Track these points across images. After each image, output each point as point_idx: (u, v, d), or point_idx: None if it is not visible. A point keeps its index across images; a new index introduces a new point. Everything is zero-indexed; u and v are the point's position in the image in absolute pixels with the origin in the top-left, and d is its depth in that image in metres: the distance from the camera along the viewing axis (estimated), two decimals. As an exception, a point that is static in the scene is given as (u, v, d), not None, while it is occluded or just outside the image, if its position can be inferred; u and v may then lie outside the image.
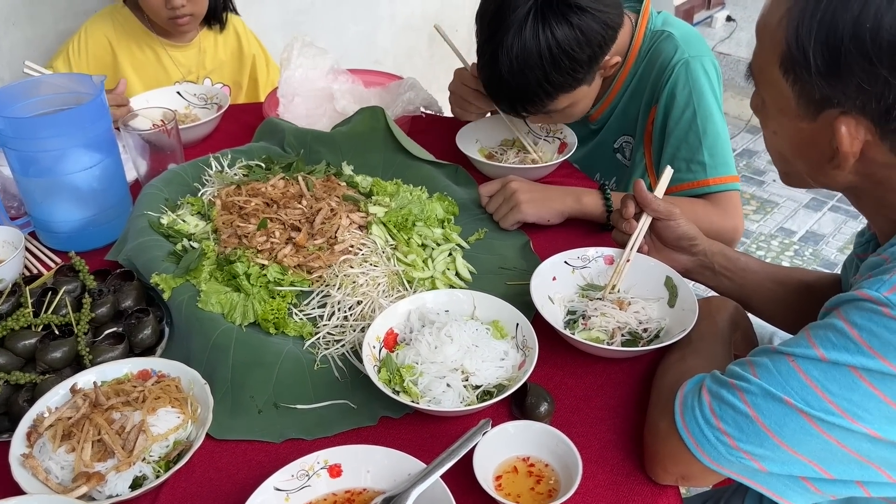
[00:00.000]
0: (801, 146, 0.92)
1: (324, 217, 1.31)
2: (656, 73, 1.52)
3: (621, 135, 1.64)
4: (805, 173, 0.96)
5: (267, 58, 2.22)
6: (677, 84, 1.48)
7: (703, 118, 1.47)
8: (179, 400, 0.99)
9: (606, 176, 1.72)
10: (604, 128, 1.67)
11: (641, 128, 1.59)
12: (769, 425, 0.82)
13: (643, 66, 1.54)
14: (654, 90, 1.53)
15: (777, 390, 0.82)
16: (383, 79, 1.90)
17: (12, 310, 1.15)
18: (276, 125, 1.64)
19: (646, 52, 1.54)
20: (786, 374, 0.83)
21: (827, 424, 0.81)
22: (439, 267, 1.29)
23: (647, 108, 1.56)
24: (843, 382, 0.80)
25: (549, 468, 0.94)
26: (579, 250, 1.24)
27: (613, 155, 1.68)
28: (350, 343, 1.15)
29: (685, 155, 1.48)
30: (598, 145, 1.69)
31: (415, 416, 1.05)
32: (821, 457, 0.83)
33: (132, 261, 1.24)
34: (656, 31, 1.53)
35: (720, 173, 1.47)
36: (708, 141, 1.47)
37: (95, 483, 0.89)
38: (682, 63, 1.47)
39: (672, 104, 1.49)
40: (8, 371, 1.05)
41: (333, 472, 0.91)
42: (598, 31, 1.36)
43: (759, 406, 0.83)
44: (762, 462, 0.84)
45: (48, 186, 1.32)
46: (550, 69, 1.36)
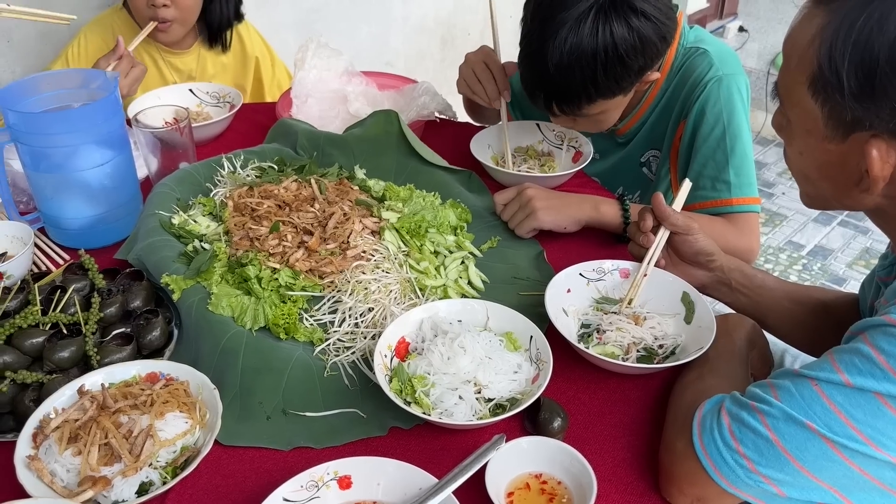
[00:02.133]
0: (827, 168, 0.91)
1: (336, 221, 1.29)
2: (688, 88, 1.50)
3: (649, 149, 1.63)
4: (830, 195, 0.94)
5: (272, 57, 2.19)
6: (708, 101, 1.46)
7: (733, 137, 1.45)
8: (188, 405, 0.98)
9: (630, 190, 1.70)
10: (631, 142, 1.65)
11: (669, 143, 1.57)
12: (790, 450, 0.81)
13: (675, 81, 1.53)
14: (685, 105, 1.51)
15: (799, 414, 0.81)
16: (397, 82, 1.89)
17: (20, 307, 1.14)
18: (289, 126, 1.63)
19: (678, 68, 1.52)
20: (809, 399, 0.81)
21: (850, 451, 0.79)
22: (452, 275, 1.28)
23: (676, 123, 1.54)
24: (868, 409, 0.78)
25: (563, 486, 0.92)
26: (595, 262, 1.23)
27: (639, 169, 1.66)
28: (361, 350, 1.14)
29: (711, 172, 1.47)
30: (623, 159, 1.68)
31: (425, 427, 1.04)
32: (842, 484, 0.81)
33: (142, 260, 1.23)
34: (690, 48, 1.52)
35: (744, 194, 1.46)
36: (735, 160, 1.45)
37: (101, 488, 0.87)
38: (716, 80, 1.46)
39: (702, 120, 1.47)
40: (15, 370, 1.04)
41: (343, 484, 0.90)
42: (654, 41, 1.34)
43: (780, 430, 0.81)
44: (781, 487, 0.82)
45: (59, 182, 1.31)
46: (600, 71, 1.32)
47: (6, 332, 1.07)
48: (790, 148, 0.97)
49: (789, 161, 0.99)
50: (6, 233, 1.32)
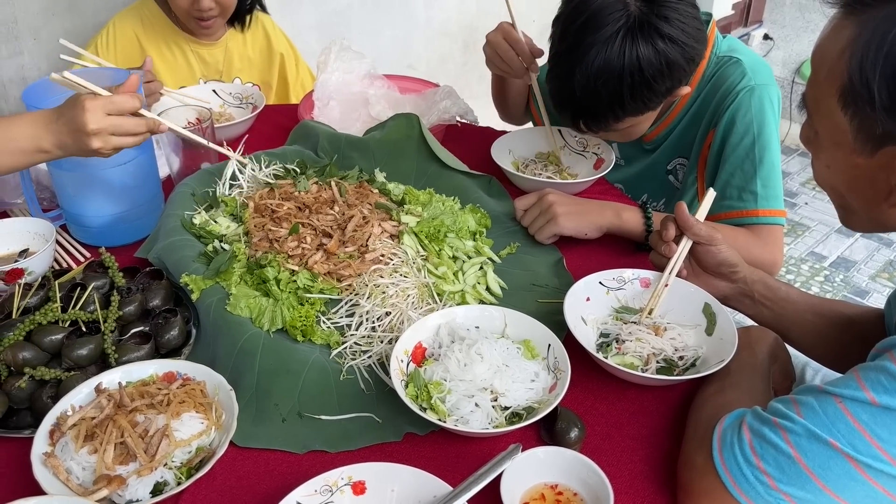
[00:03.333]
0: (856, 182, 0.89)
1: (356, 224, 1.29)
2: (719, 97, 1.49)
3: (676, 157, 1.61)
4: (859, 209, 0.93)
5: (296, 57, 2.20)
6: (739, 110, 1.45)
7: (762, 148, 1.44)
8: (204, 405, 0.98)
9: (655, 197, 1.68)
10: (659, 149, 1.63)
11: (697, 151, 1.55)
12: (812, 468, 0.79)
13: (707, 89, 1.51)
14: (715, 114, 1.50)
15: (823, 432, 0.79)
16: (419, 85, 1.88)
17: (40, 304, 1.15)
18: (310, 128, 1.63)
19: (710, 76, 1.51)
20: (832, 416, 0.80)
21: (874, 471, 0.77)
22: (470, 281, 1.27)
23: (706, 131, 1.53)
24: (894, 428, 0.76)
25: (578, 497, 0.91)
26: (615, 271, 1.21)
27: (666, 177, 1.64)
28: (377, 355, 1.13)
29: (738, 182, 1.45)
30: (650, 166, 1.66)
31: (440, 433, 1.03)
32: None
33: (162, 259, 1.23)
34: (723, 57, 1.50)
35: (770, 206, 1.44)
36: (763, 171, 1.44)
37: (116, 486, 0.87)
38: (748, 90, 1.44)
39: (731, 129, 1.46)
40: (33, 366, 1.04)
41: (357, 490, 0.89)
42: (681, 64, 1.34)
43: (802, 447, 0.80)
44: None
45: (81, 180, 1.32)
46: (626, 93, 1.32)
47: (26, 329, 1.08)
48: (818, 161, 0.95)
49: (817, 175, 0.97)
50: (28, 229, 1.34)
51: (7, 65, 2.03)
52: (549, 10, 3.58)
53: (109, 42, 1.92)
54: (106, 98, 1.13)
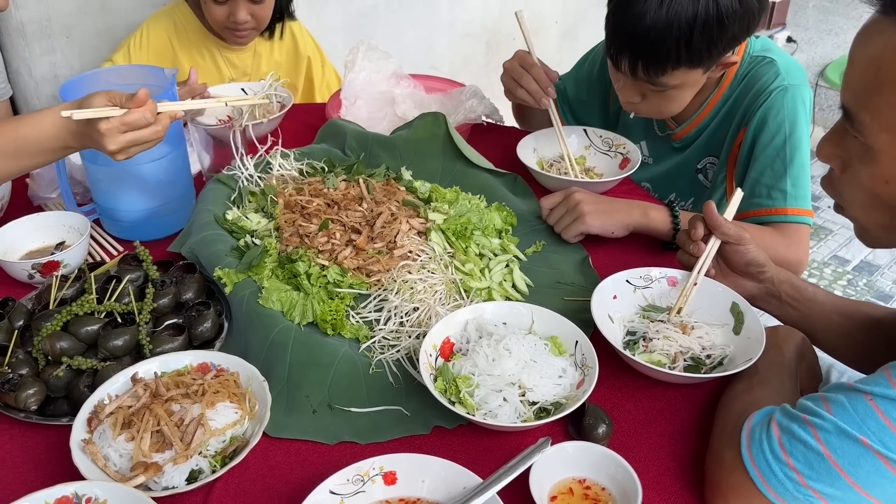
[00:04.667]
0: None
1: (384, 221, 1.31)
2: (752, 96, 1.49)
3: (707, 156, 1.62)
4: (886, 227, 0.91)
5: (323, 58, 2.23)
6: (772, 109, 1.45)
7: (793, 147, 1.44)
8: (238, 395, 1.00)
9: (683, 197, 1.69)
10: (689, 148, 1.64)
11: (727, 150, 1.56)
12: (842, 465, 0.80)
13: (739, 89, 1.52)
14: (747, 112, 1.50)
15: (853, 429, 0.79)
16: (445, 85, 1.90)
17: (76, 295, 1.17)
18: (338, 127, 1.65)
19: (743, 76, 1.51)
20: (863, 414, 0.80)
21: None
22: (496, 278, 1.28)
23: (737, 130, 1.53)
24: None
25: (606, 492, 0.92)
26: (642, 270, 1.22)
27: (695, 175, 1.65)
28: (405, 349, 1.15)
29: (768, 181, 1.45)
30: (679, 165, 1.66)
31: (468, 427, 1.04)
32: (894, 501, 0.79)
33: (195, 253, 1.25)
34: (756, 56, 1.51)
35: (799, 205, 1.44)
36: (793, 171, 1.44)
37: (153, 473, 0.89)
38: (781, 90, 1.45)
39: (763, 128, 1.46)
40: (71, 356, 1.07)
41: (388, 480, 0.91)
42: (753, 9, 1.32)
43: (832, 444, 0.80)
44: (831, 502, 0.81)
45: (115, 176, 1.34)
46: (697, 32, 1.29)
47: (63, 319, 1.10)
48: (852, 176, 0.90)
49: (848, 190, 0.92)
50: (63, 223, 1.36)
51: (40, 62, 2.07)
52: (571, 12, 3.61)
53: (142, 44, 1.95)
54: (118, 119, 1.14)
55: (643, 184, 1.73)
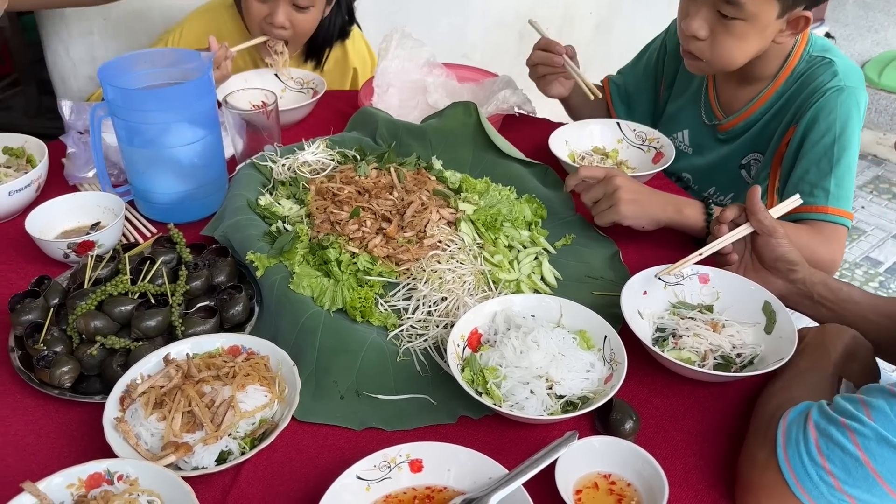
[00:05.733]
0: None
1: (414, 210, 1.31)
2: (806, 94, 1.47)
3: (752, 152, 1.60)
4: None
5: (373, 64, 2.15)
6: (824, 108, 1.43)
7: (841, 148, 1.42)
8: (268, 379, 1.01)
9: (722, 191, 1.67)
10: (734, 141, 1.62)
11: (774, 147, 1.54)
12: (881, 472, 0.79)
13: (794, 86, 1.50)
14: (799, 110, 1.48)
15: (893, 437, 0.78)
16: (477, 75, 1.89)
17: (111, 276, 1.19)
18: (369, 115, 1.65)
19: (800, 74, 1.50)
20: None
21: None
22: (525, 270, 1.28)
23: (786, 127, 1.51)
24: None
25: (632, 488, 0.92)
26: (687, 264, 1.20)
27: (738, 171, 1.63)
28: (433, 338, 1.15)
29: (813, 179, 1.43)
30: (723, 158, 1.65)
31: (494, 418, 1.04)
32: None
33: (228, 237, 1.27)
34: (815, 56, 1.49)
35: (840, 205, 1.42)
36: (839, 171, 1.42)
37: (183, 453, 0.91)
38: (837, 90, 1.43)
39: (813, 127, 1.44)
40: (104, 335, 1.08)
41: (415, 467, 0.91)
42: None
43: (871, 451, 0.79)
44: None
45: (151, 158, 1.36)
46: None
47: (97, 299, 1.12)
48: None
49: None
50: (99, 203, 1.38)
51: (77, 43, 2.09)
52: (605, 4, 3.57)
53: (181, 40, 1.90)
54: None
55: (684, 174, 1.72)
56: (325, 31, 1.95)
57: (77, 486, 0.87)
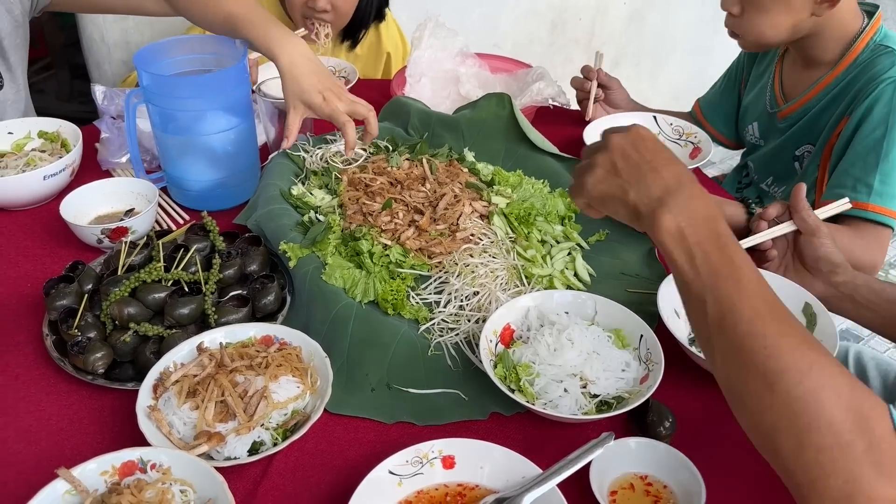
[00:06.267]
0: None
1: (447, 203, 1.30)
2: (862, 84, 1.43)
3: (806, 143, 1.56)
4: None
5: (405, 50, 2.16)
6: (879, 100, 1.39)
7: (891, 143, 1.37)
8: (300, 370, 1.00)
9: (777, 182, 1.64)
10: (791, 130, 1.59)
11: (825, 139, 1.50)
12: None
13: (853, 74, 1.46)
14: (854, 101, 1.44)
15: None
16: (511, 65, 1.87)
17: (144, 262, 1.19)
18: (402, 105, 1.64)
19: (861, 63, 1.46)
20: None
21: None
22: (558, 265, 1.26)
23: (839, 118, 1.48)
24: None
25: (668, 490, 0.90)
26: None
27: (792, 162, 1.60)
28: (464, 333, 1.14)
29: (857, 173, 1.39)
30: (780, 148, 1.62)
31: (525, 416, 1.03)
32: None
33: (261, 226, 1.26)
34: (879, 45, 1.45)
35: (884, 203, 1.37)
36: (885, 167, 1.37)
37: (216, 443, 0.90)
38: (892, 82, 1.38)
39: (866, 119, 1.40)
40: (138, 321, 1.08)
41: (447, 464, 0.91)
42: None
43: None
44: None
45: (184, 145, 1.36)
46: None
47: (131, 285, 1.12)
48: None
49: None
50: (132, 189, 1.39)
51: (113, 28, 2.10)
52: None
53: None
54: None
55: (749, 162, 1.69)
56: (363, 11, 1.96)
57: (110, 474, 0.87)
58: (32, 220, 1.40)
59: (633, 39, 3.42)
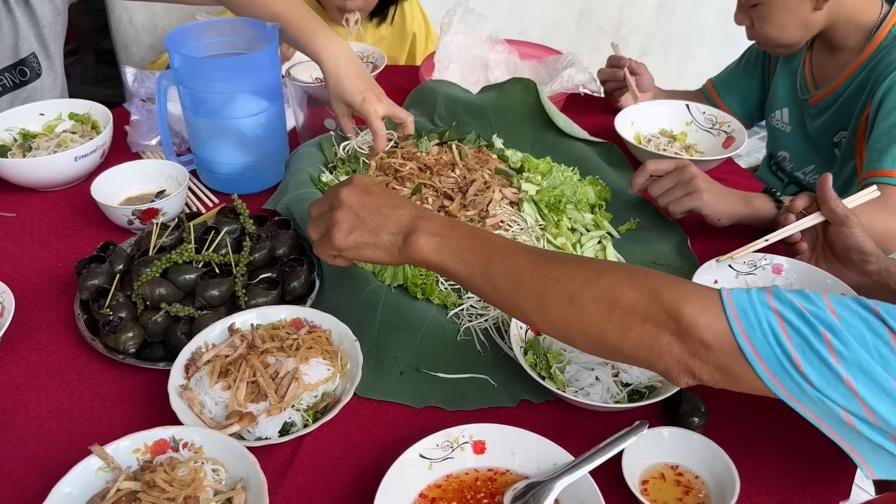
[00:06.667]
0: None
1: (477, 189, 1.29)
2: (881, 68, 1.43)
3: (840, 129, 1.56)
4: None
5: (428, 31, 2.17)
6: None
7: None
8: (330, 353, 1.00)
9: (819, 170, 1.62)
10: (822, 116, 1.58)
11: (855, 125, 1.50)
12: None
13: (876, 61, 1.45)
14: (876, 83, 1.43)
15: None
16: (540, 52, 1.86)
17: (175, 244, 1.19)
18: (428, 92, 1.63)
19: (884, 49, 1.45)
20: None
21: None
22: (588, 254, 1.25)
23: (865, 103, 1.47)
24: None
25: (700, 481, 0.89)
26: (747, 255, 1.17)
27: (832, 149, 1.59)
28: (493, 319, 1.13)
29: (881, 146, 1.36)
30: (817, 135, 1.61)
31: (555, 403, 1.02)
32: None
33: (290, 210, 1.26)
34: None
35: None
36: None
37: (247, 423, 0.91)
38: None
39: (888, 96, 1.38)
40: (169, 302, 1.09)
41: (477, 448, 0.90)
42: None
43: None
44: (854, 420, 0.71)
45: (215, 128, 1.36)
46: None
47: (162, 266, 1.12)
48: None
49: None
50: (163, 171, 1.39)
51: (140, 11, 2.11)
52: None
53: None
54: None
55: (780, 153, 1.67)
56: None
57: (143, 452, 0.87)
58: (63, 200, 1.41)
59: (661, 28, 3.38)
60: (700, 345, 0.75)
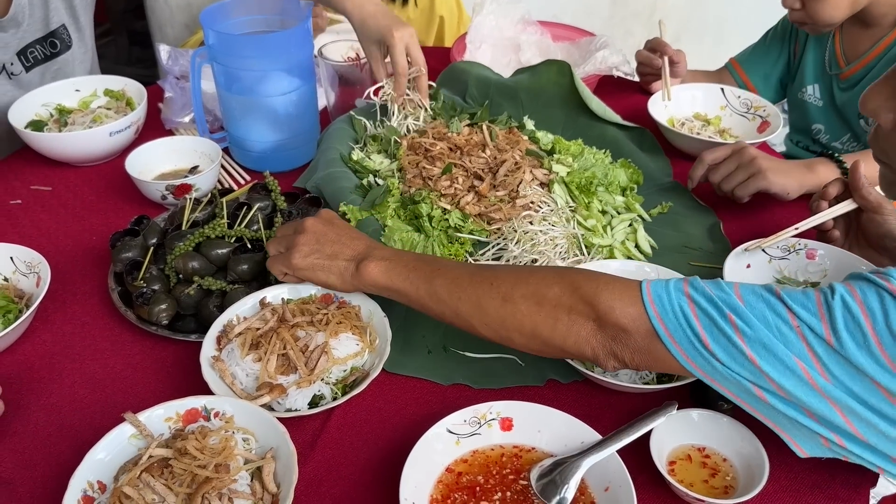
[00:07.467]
0: None
1: (507, 169, 1.29)
2: None
3: None
4: None
5: (461, 14, 2.15)
6: None
7: None
8: (359, 328, 1.01)
9: (856, 139, 1.60)
10: (854, 89, 1.57)
11: None
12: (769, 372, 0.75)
13: None
14: None
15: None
16: (573, 34, 1.84)
17: (207, 219, 1.21)
18: (460, 72, 1.62)
19: None
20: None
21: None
22: (619, 236, 1.25)
23: None
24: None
25: (727, 463, 0.89)
26: (781, 240, 1.15)
27: (862, 122, 1.57)
28: (522, 299, 1.13)
29: None
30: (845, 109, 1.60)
31: (582, 383, 1.02)
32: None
33: (320, 188, 1.27)
34: None
35: None
36: None
37: (277, 394, 0.92)
38: None
39: None
40: (202, 276, 1.10)
41: (505, 425, 0.90)
42: None
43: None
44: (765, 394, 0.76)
45: (248, 105, 1.37)
46: None
47: (196, 240, 1.14)
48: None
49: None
50: (196, 148, 1.41)
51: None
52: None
53: None
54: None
55: (815, 125, 1.68)
56: None
57: (175, 420, 0.89)
58: (98, 175, 1.44)
59: (695, 14, 3.33)
60: (618, 329, 0.81)
